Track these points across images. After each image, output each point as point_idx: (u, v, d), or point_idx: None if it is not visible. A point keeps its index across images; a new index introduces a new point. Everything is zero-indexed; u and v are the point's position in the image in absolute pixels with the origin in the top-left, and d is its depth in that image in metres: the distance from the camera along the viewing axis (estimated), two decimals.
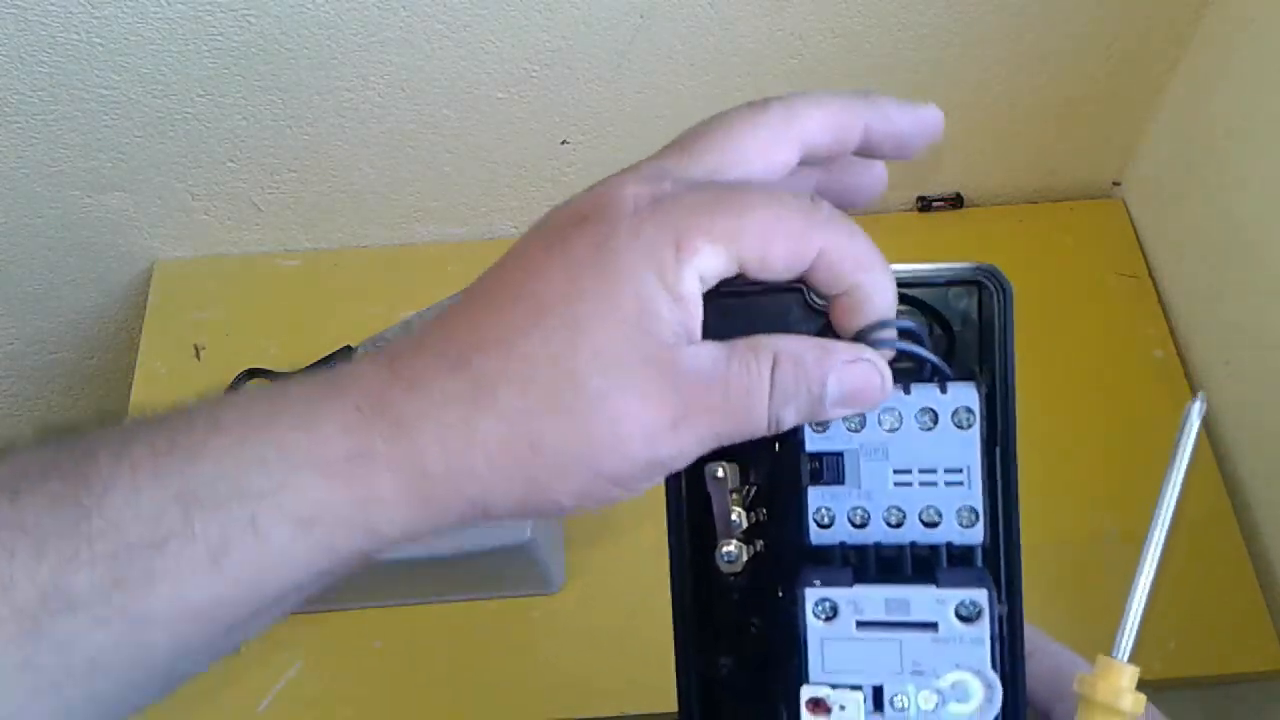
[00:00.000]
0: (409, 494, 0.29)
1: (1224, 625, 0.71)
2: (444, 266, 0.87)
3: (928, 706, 0.29)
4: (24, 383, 0.95)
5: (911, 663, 0.29)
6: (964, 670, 0.29)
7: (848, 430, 0.31)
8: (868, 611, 0.29)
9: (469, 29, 0.71)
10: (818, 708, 0.29)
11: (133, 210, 0.82)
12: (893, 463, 0.31)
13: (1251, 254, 0.74)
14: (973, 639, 0.29)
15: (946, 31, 0.75)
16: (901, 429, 0.30)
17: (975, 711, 0.29)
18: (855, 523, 0.31)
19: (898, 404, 0.30)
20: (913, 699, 0.29)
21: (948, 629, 0.29)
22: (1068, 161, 0.88)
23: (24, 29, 0.67)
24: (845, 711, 0.29)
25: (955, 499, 0.30)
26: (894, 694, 0.29)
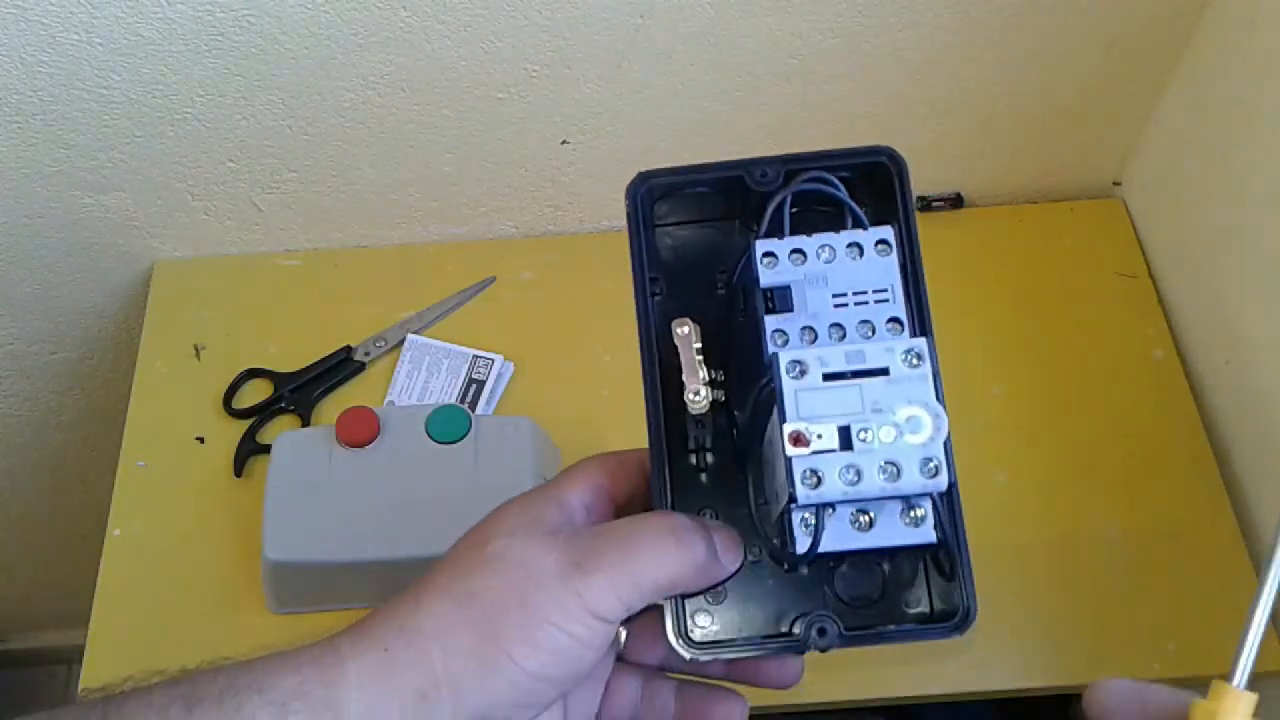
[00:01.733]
0: (370, 671, 0.34)
1: (1224, 625, 0.71)
2: (444, 266, 0.87)
3: (888, 440, 0.34)
4: (24, 383, 0.95)
5: (871, 403, 0.34)
6: (914, 405, 0.34)
7: (793, 265, 0.37)
8: (831, 364, 0.35)
9: (469, 29, 0.71)
10: (798, 441, 0.34)
11: (133, 210, 0.82)
12: (831, 289, 0.37)
13: (1251, 254, 0.74)
14: (919, 376, 0.34)
15: (946, 31, 0.75)
16: (836, 260, 0.37)
17: (927, 439, 0.34)
18: (806, 340, 0.37)
19: (830, 241, 0.37)
20: (875, 433, 0.34)
21: (898, 372, 0.34)
22: (1068, 161, 0.88)
23: (24, 29, 0.67)
24: (821, 439, 0.34)
25: (884, 312, 0.37)
26: (859, 429, 0.34)
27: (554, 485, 0.39)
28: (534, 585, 0.34)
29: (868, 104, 0.81)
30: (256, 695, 0.33)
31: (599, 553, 0.35)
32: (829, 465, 0.34)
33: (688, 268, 0.42)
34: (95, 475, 1.06)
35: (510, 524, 0.37)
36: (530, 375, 0.82)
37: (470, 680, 0.34)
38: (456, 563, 0.37)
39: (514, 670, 0.34)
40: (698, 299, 0.42)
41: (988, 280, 0.86)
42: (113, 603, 0.73)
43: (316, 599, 0.71)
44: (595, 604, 0.34)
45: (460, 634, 0.34)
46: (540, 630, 0.34)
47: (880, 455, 0.34)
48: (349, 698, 0.33)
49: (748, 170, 0.39)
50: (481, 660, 0.34)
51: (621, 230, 0.90)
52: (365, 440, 0.69)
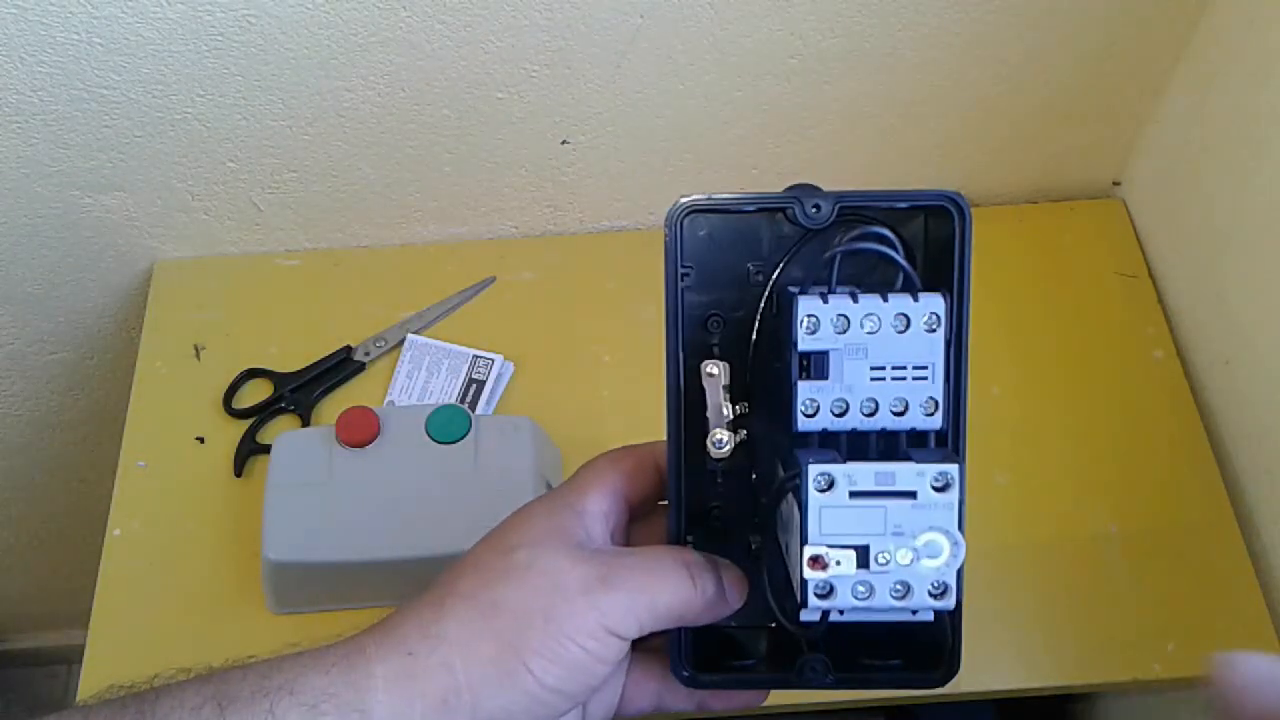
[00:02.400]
0: (395, 675, 0.35)
1: (1224, 625, 0.71)
2: (444, 266, 0.87)
3: (905, 562, 0.34)
4: (24, 383, 0.95)
5: (893, 525, 0.34)
6: (935, 531, 0.34)
7: (834, 331, 0.36)
8: (859, 483, 0.34)
9: (469, 29, 0.71)
10: (816, 564, 0.34)
11: (133, 210, 0.82)
12: (871, 360, 0.36)
13: (1251, 254, 0.74)
14: (944, 504, 0.34)
15: (946, 32, 0.75)
16: (879, 332, 0.36)
17: (943, 565, 0.34)
18: (835, 413, 0.36)
19: (877, 309, 0.36)
20: (893, 555, 0.34)
21: (925, 497, 0.34)
22: (1068, 161, 0.88)
23: (24, 29, 0.67)
24: (840, 566, 0.34)
25: (921, 392, 0.36)
26: (878, 551, 0.34)
27: (573, 491, 0.40)
28: (560, 599, 0.36)
29: (868, 104, 0.81)
30: (288, 696, 0.34)
31: (622, 573, 0.37)
32: (843, 581, 0.34)
33: (720, 253, 0.41)
34: (95, 475, 1.06)
35: (536, 533, 0.38)
36: (530, 375, 0.82)
37: (489, 689, 0.35)
38: (481, 568, 0.37)
39: (531, 682, 0.35)
40: (729, 290, 0.41)
41: (987, 280, 0.86)
42: (113, 603, 0.73)
43: (316, 599, 0.71)
44: (613, 621, 0.36)
45: (483, 643, 0.35)
46: (560, 645, 0.35)
47: (894, 575, 0.34)
48: (375, 700, 0.34)
49: (799, 203, 0.38)
50: (502, 671, 0.35)
51: (622, 231, 0.90)
52: (365, 440, 0.69)
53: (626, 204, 0.88)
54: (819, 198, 0.38)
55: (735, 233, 0.40)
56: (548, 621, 0.35)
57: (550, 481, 0.72)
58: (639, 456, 0.41)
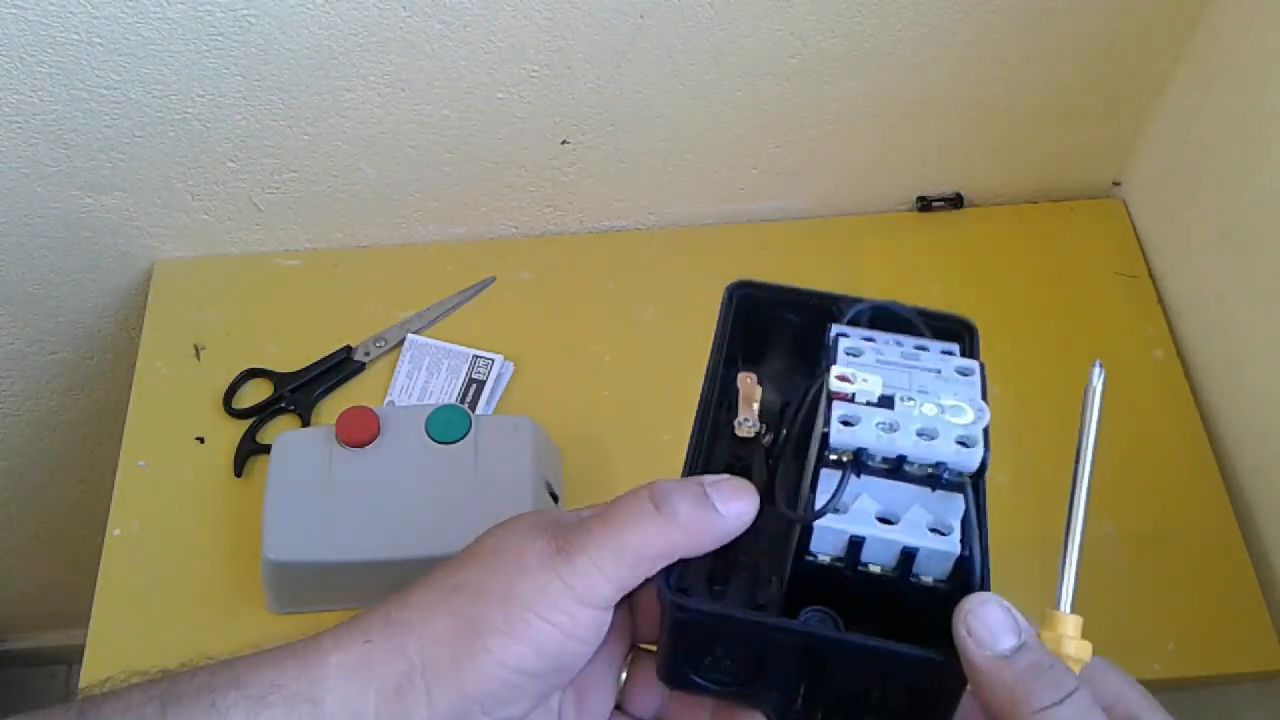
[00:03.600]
0: (350, 664, 0.34)
1: (1224, 625, 0.71)
2: (444, 266, 0.87)
3: (930, 412, 0.34)
4: (24, 383, 0.95)
5: (919, 385, 0.35)
6: (959, 398, 0.34)
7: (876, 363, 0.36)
8: (886, 355, 0.35)
9: (469, 29, 0.71)
10: (843, 380, 0.34)
11: (133, 210, 0.82)
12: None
13: (1251, 254, 0.74)
14: (968, 383, 0.35)
15: (946, 32, 0.75)
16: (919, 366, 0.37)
17: (968, 423, 0.34)
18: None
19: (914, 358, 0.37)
20: (919, 403, 0.34)
21: (948, 373, 0.35)
22: (1068, 161, 0.88)
23: (24, 29, 0.67)
24: (866, 384, 0.34)
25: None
26: (903, 396, 0.34)
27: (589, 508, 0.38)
28: (519, 574, 0.34)
29: (868, 104, 0.81)
30: (234, 690, 0.33)
31: (580, 536, 0.34)
32: (866, 414, 0.33)
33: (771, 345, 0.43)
34: (95, 475, 1.06)
35: (513, 522, 0.37)
36: (530, 375, 0.82)
37: (445, 671, 0.33)
38: (453, 559, 0.36)
39: (491, 662, 0.33)
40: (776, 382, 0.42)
41: (988, 280, 0.86)
42: (113, 603, 0.73)
43: (316, 599, 0.71)
44: (580, 587, 0.33)
45: (440, 625, 0.34)
46: (521, 621, 0.33)
47: (919, 421, 0.33)
48: (326, 689, 0.33)
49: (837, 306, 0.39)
50: (458, 651, 0.33)
51: (622, 231, 0.90)
52: (365, 440, 0.69)
53: (626, 204, 0.88)
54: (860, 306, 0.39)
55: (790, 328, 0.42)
56: (506, 598, 0.33)
57: (550, 481, 0.72)
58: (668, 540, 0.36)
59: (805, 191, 0.88)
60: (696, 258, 0.88)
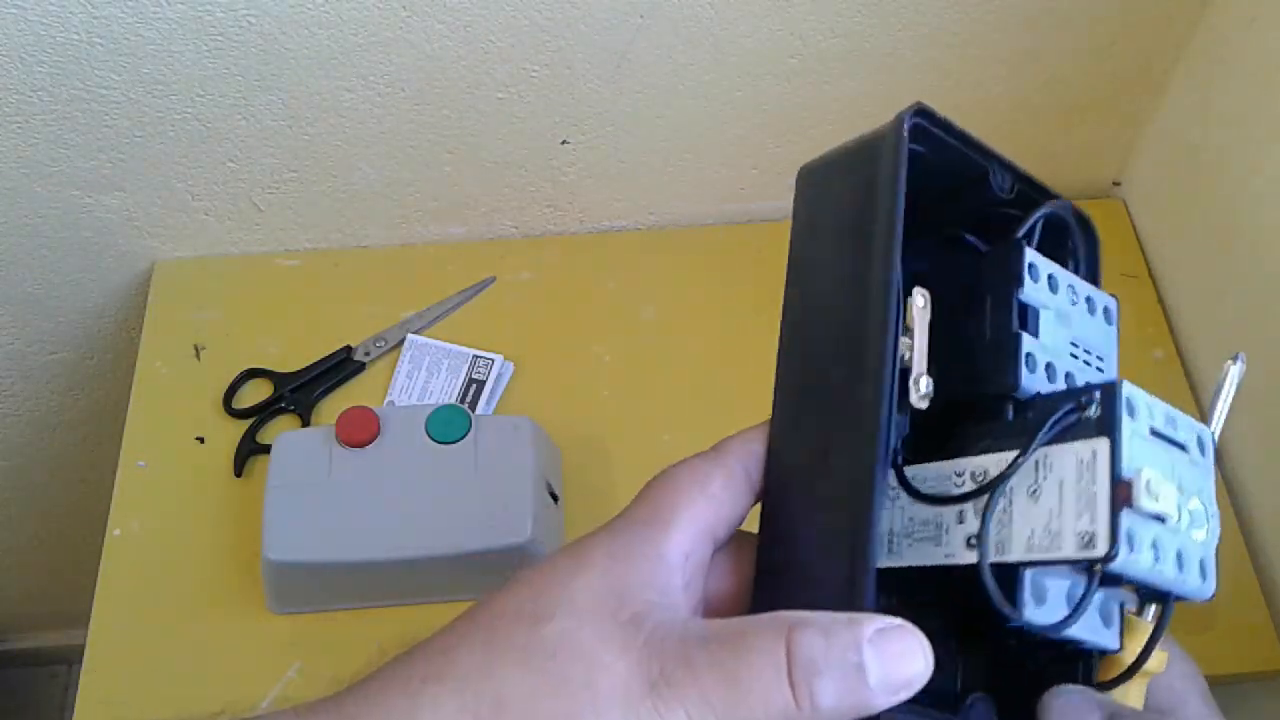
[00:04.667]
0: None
1: (1224, 625, 0.71)
2: (444, 266, 0.87)
3: (1199, 538, 0.28)
4: (24, 383, 0.95)
5: (1179, 478, 0.28)
6: (1200, 497, 0.28)
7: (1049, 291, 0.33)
8: (1156, 418, 0.29)
9: (469, 29, 0.71)
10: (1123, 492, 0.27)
11: (133, 210, 0.82)
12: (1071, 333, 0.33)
13: (1251, 254, 0.74)
14: (1205, 468, 0.29)
15: (946, 32, 0.75)
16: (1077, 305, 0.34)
17: (1207, 539, 0.29)
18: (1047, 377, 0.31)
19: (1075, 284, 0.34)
20: (1189, 517, 0.28)
21: (1193, 454, 0.29)
22: (1068, 161, 0.88)
23: (24, 29, 0.67)
24: (1158, 503, 0.27)
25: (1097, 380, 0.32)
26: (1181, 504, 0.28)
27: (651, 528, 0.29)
28: (590, 708, 0.26)
29: (868, 104, 0.81)
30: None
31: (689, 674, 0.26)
32: (1144, 532, 0.26)
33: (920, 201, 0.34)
34: (95, 475, 1.06)
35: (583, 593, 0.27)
36: (530, 375, 0.82)
37: None
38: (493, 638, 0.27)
39: None
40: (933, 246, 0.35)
41: None
42: (113, 603, 0.73)
43: (316, 599, 0.71)
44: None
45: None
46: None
47: (1179, 540, 0.27)
48: None
49: (992, 167, 0.35)
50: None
51: (622, 231, 0.90)
52: (365, 440, 0.69)
53: (626, 204, 0.88)
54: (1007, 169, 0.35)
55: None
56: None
57: (550, 481, 0.72)
58: (727, 469, 0.31)
59: None
60: (696, 258, 0.88)
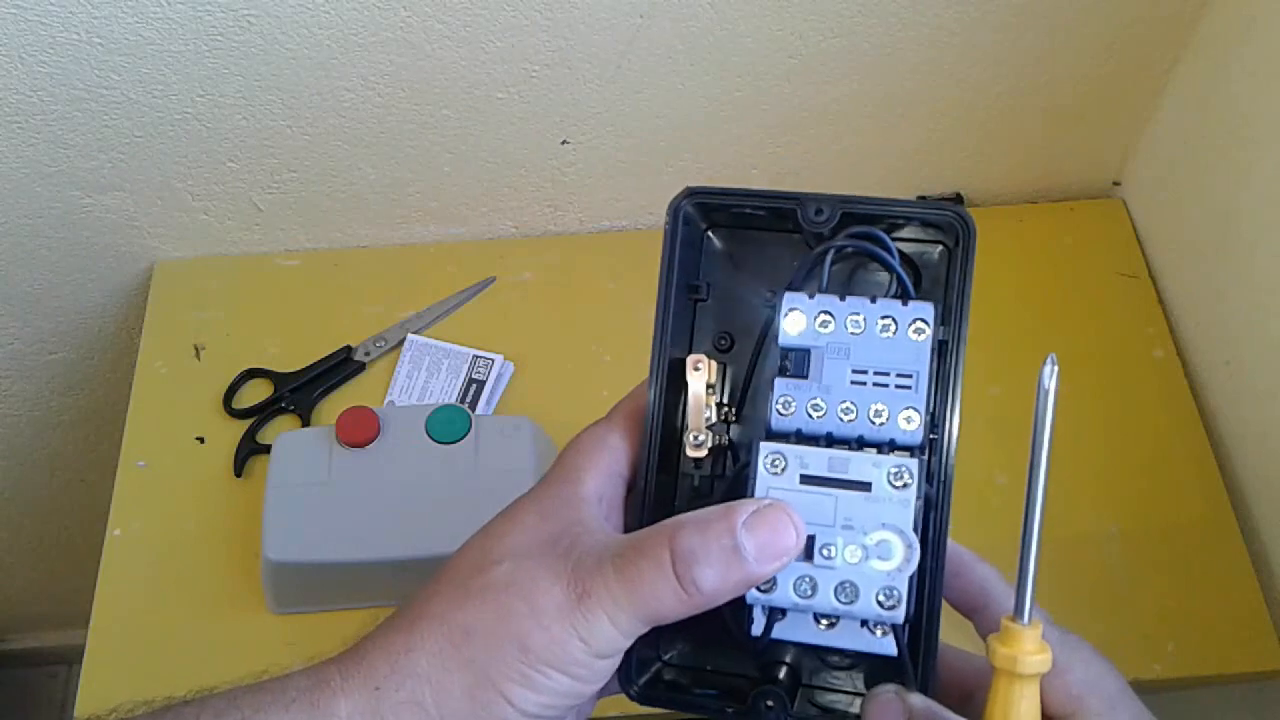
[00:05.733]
0: (362, 711, 0.32)
1: (1224, 625, 0.71)
2: (444, 266, 0.87)
3: (853, 560, 0.32)
4: (24, 383, 0.95)
5: (844, 517, 0.32)
6: (889, 530, 0.32)
7: (818, 328, 0.35)
8: (812, 467, 0.33)
9: (469, 29, 0.71)
10: None
11: (133, 210, 0.82)
12: (853, 363, 0.34)
13: (1251, 254, 0.74)
14: (900, 501, 0.32)
15: (946, 31, 0.75)
16: (864, 333, 0.34)
17: (895, 569, 0.32)
18: (811, 414, 0.34)
19: (864, 309, 0.34)
20: (840, 550, 0.32)
21: (880, 489, 0.32)
22: (1068, 161, 0.88)
23: (24, 29, 0.67)
24: None
25: (902, 400, 0.34)
26: (824, 544, 0.32)
27: (566, 481, 0.37)
28: (535, 625, 0.32)
29: (868, 104, 0.81)
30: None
31: (600, 589, 0.32)
32: (786, 572, 0.32)
33: (740, 274, 0.39)
34: (95, 475, 1.06)
35: (522, 542, 0.34)
36: (530, 375, 0.82)
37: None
38: (457, 583, 0.34)
39: (511, 712, 0.32)
40: (746, 308, 0.39)
41: (988, 280, 0.86)
42: (113, 603, 0.73)
43: (316, 599, 0.71)
44: (597, 644, 0.32)
45: (455, 675, 0.33)
46: (540, 674, 0.32)
47: (840, 574, 0.32)
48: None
49: (801, 205, 0.36)
50: (476, 703, 0.32)
51: (622, 231, 0.90)
52: (365, 440, 0.69)
53: (626, 204, 0.88)
54: (823, 201, 0.36)
55: (753, 256, 0.39)
56: (524, 650, 0.32)
57: None
58: (626, 423, 0.38)
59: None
60: None
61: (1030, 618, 0.33)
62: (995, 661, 0.33)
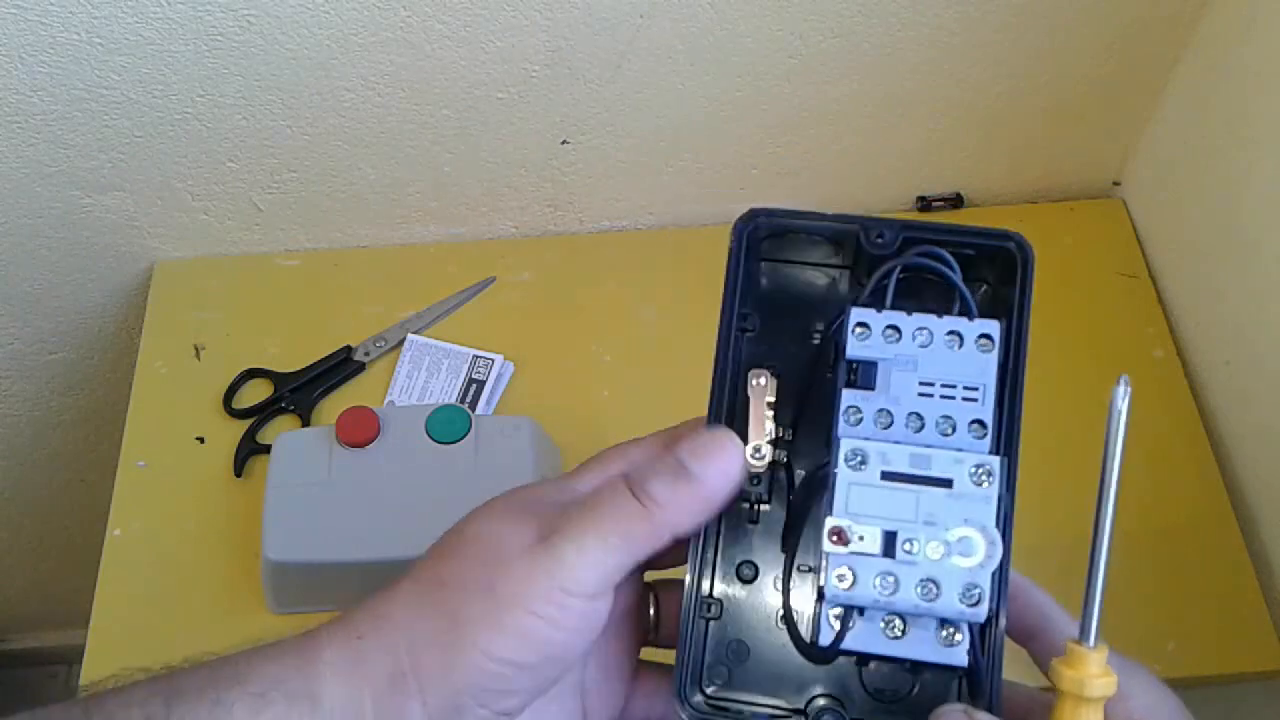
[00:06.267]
0: (345, 660, 0.34)
1: (1224, 625, 0.71)
2: (444, 266, 0.87)
3: (935, 556, 0.32)
4: (24, 383, 0.95)
5: (925, 513, 0.32)
6: (971, 526, 0.32)
7: (885, 341, 0.35)
8: (894, 463, 0.33)
9: (469, 29, 0.71)
10: (839, 538, 0.32)
11: (133, 210, 0.82)
12: (920, 374, 0.34)
13: (1251, 254, 0.74)
14: (982, 497, 0.32)
15: (946, 31, 0.75)
16: (931, 346, 0.35)
17: (977, 565, 0.32)
18: (880, 425, 0.34)
19: (930, 324, 0.35)
20: (922, 546, 0.32)
21: (962, 486, 0.32)
22: (1068, 161, 0.88)
23: (24, 29, 0.67)
24: (863, 542, 0.32)
25: (969, 412, 0.34)
26: (906, 539, 0.32)
27: (567, 475, 0.38)
28: (500, 565, 0.33)
29: (868, 104, 0.81)
30: (236, 686, 0.33)
31: (563, 523, 0.34)
32: (866, 568, 0.32)
33: (786, 309, 0.40)
34: (95, 475, 1.06)
35: (494, 504, 0.36)
36: (530, 375, 0.82)
37: (435, 669, 0.33)
38: (435, 548, 0.36)
39: (480, 657, 0.33)
40: (789, 344, 0.39)
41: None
42: (113, 603, 0.73)
43: (316, 599, 0.71)
44: (566, 579, 0.33)
45: (427, 621, 0.33)
46: (506, 614, 0.33)
47: (923, 570, 0.32)
48: (324, 686, 0.33)
49: (864, 228, 0.37)
50: (447, 648, 0.33)
51: (622, 231, 0.90)
52: (365, 440, 0.69)
53: (626, 204, 0.88)
54: (885, 225, 0.36)
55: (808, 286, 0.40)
56: (490, 590, 0.33)
57: None
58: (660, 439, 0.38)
59: (805, 191, 0.88)
60: (696, 258, 0.88)
61: (1096, 641, 0.33)
62: (1061, 684, 0.32)
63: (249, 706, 0.32)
